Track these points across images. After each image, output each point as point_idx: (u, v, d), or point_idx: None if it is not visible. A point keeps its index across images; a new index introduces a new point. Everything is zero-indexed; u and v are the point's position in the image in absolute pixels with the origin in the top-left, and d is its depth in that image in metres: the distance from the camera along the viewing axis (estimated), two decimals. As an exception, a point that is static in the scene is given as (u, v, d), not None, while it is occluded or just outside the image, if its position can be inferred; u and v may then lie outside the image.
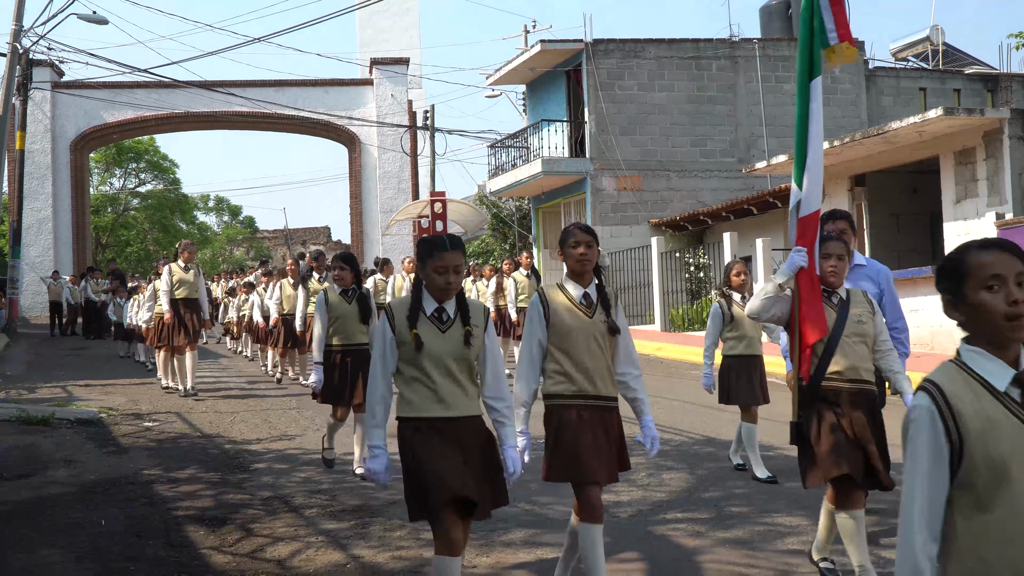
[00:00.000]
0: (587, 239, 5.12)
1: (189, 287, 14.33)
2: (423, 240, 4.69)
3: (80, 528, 7.08)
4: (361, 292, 8.90)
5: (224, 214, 66.70)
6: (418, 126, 37.61)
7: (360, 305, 8.84)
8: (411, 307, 4.64)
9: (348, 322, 8.78)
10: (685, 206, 27.35)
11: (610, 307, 5.14)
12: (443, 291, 4.62)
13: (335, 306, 8.80)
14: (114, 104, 36.51)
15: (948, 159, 17.24)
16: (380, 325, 4.66)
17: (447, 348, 4.59)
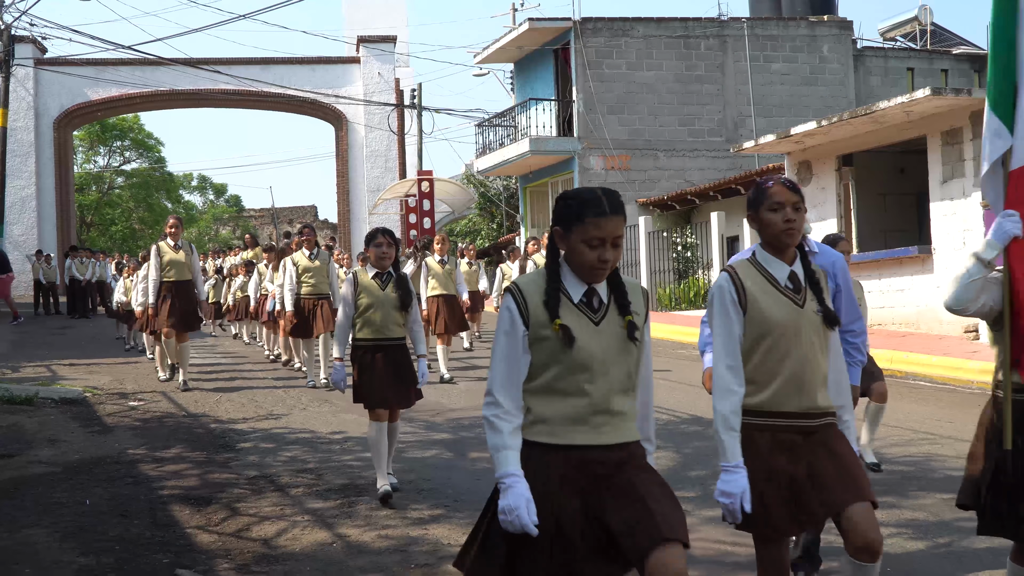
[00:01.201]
0: (794, 199, 3.87)
1: (180, 268, 12.79)
2: (567, 198, 3.44)
3: (64, 507, 7.05)
4: (400, 275, 7.44)
5: (209, 193, 66.40)
6: (405, 104, 37.47)
7: (399, 291, 7.36)
8: (549, 288, 3.37)
9: (382, 312, 7.31)
10: (672, 185, 27.32)
11: (822, 291, 3.94)
12: (594, 270, 3.35)
13: (367, 291, 7.34)
14: (98, 81, 36.27)
15: (935, 139, 17.23)
16: (507, 312, 3.39)
17: (604, 346, 3.35)
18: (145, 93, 36.85)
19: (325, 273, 13.14)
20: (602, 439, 3.34)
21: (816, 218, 19.50)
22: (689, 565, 5.74)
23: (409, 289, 7.44)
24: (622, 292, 3.45)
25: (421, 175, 30.69)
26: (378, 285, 7.37)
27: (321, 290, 13.06)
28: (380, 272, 7.40)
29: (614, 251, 3.36)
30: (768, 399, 3.88)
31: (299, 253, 13.20)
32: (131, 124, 52.89)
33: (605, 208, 3.33)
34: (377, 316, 7.32)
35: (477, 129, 30.99)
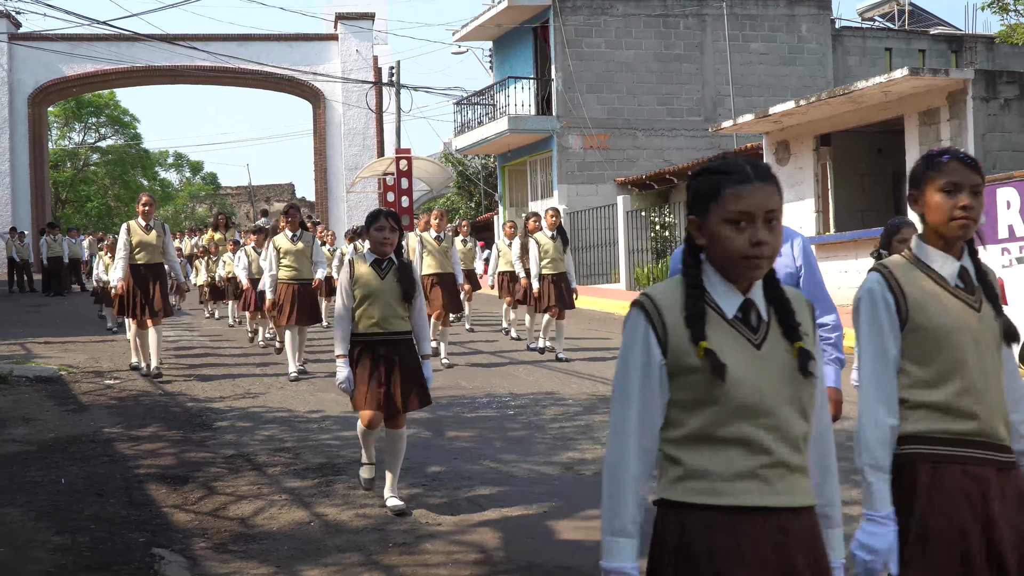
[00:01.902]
0: (973, 181, 3.04)
1: (150, 250, 11.91)
2: (698, 173, 2.61)
3: (39, 486, 7.01)
4: (402, 262, 6.68)
5: (186, 170, 66.04)
6: (383, 82, 37.29)
7: (401, 280, 6.59)
8: (690, 299, 2.50)
9: (381, 304, 6.52)
10: (651, 165, 27.30)
11: (997, 296, 3.15)
12: (748, 261, 2.45)
13: (363, 282, 6.57)
14: (73, 57, 35.95)
15: (912, 119, 17.28)
16: (635, 333, 2.53)
17: (768, 378, 2.48)
18: (121, 69, 36.55)
19: (308, 256, 12.35)
20: (781, 499, 2.46)
21: (794, 198, 19.55)
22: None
23: (413, 279, 6.64)
24: (785, 306, 2.56)
25: (399, 153, 30.56)
26: (376, 274, 6.57)
27: (303, 275, 12.26)
28: (380, 259, 6.61)
29: (770, 233, 2.47)
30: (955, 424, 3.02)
31: (281, 235, 12.40)
32: (107, 100, 52.53)
33: (749, 174, 2.50)
34: (375, 309, 6.51)
35: (455, 107, 30.89)
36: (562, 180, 27.21)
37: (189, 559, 5.53)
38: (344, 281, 6.60)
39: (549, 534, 6.03)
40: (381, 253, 6.61)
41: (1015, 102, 16.60)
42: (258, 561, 5.52)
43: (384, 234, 6.54)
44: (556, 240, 13.51)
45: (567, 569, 5.35)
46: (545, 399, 10.48)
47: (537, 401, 10.33)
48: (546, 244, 13.50)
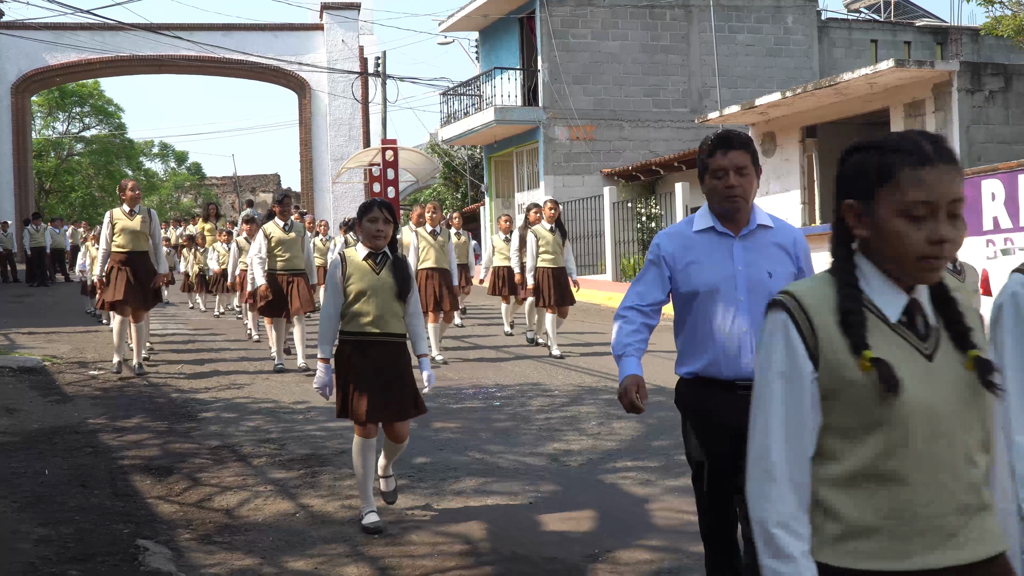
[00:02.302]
0: None
1: (135, 237, 11.27)
2: (871, 150, 2.16)
3: (23, 477, 6.97)
4: (397, 257, 6.16)
5: (171, 160, 65.73)
6: (369, 73, 37.18)
7: (397, 276, 6.06)
8: (844, 299, 2.08)
9: (377, 301, 5.98)
10: (637, 156, 27.30)
11: None
12: (927, 263, 2.04)
13: (359, 275, 6.03)
14: (56, 46, 35.72)
15: (898, 111, 17.32)
16: (776, 340, 2.09)
17: (944, 395, 2.04)
18: (105, 59, 36.35)
19: (300, 246, 11.87)
20: (972, 551, 2.02)
21: (780, 189, 19.59)
22: (652, 534, 5.80)
23: (409, 275, 6.13)
24: (954, 308, 2.12)
25: (385, 144, 30.46)
26: (371, 269, 6.02)
27: (295, 265, 11.79)
28: (374, 253, 6.06)
29: (954, 228, 2.05)
30: None
31: (272, 223, 11.81)
32: (91, 90, 52.22)
33: (931, 154, 2.05)
34: (371, 307, 5.95)
35: (442, 98, 30.83)
36: (548, 171, 27.19)
37: (174, 550, 5.51)
38: (334, 276, 6.03)
39: (535, 525, 6.03)
40: (374, 246, 6.03)
41: (1000, 94, 16.65)
42: (243, 552, 5.50)
43: (378, 226, 5.99)
44: (555, 233, 13.21)
45: (553, 560, 5.35)
46: (531, 390, 10.48)
47: (523, 392, 10.33)
48: (545, 237, 13.17)
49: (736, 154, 3.82)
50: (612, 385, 10.77)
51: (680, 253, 3.94)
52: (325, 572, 5.20)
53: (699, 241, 3.94)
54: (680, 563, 5.27)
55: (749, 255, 3.89)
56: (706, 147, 3.87)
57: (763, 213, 3.99)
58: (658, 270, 3.98)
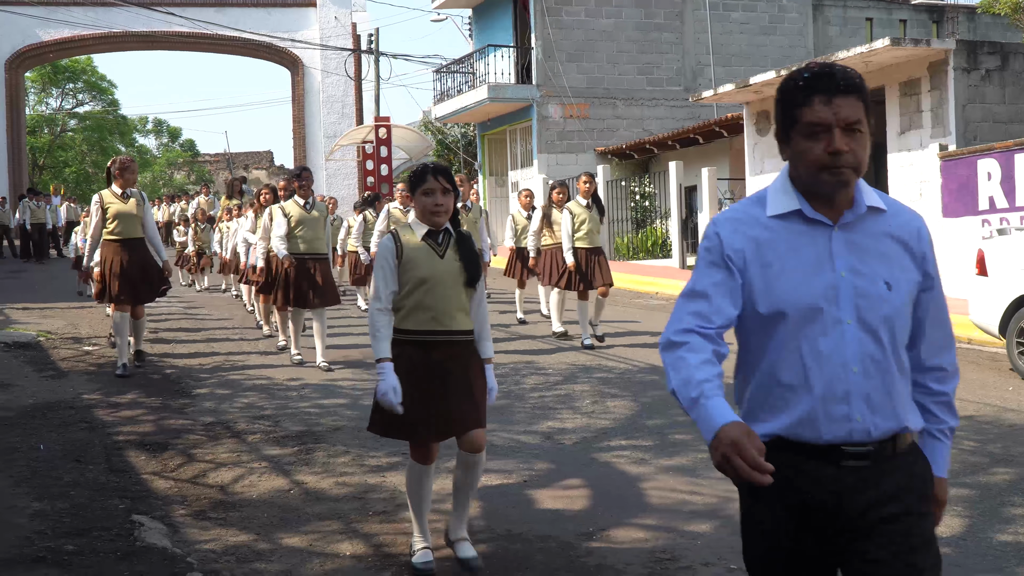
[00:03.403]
0: None
1: (129, 223, 9.99)
2: None
3: (17, 452, 6.98)
4: (461, 235, 5.01)
5: (164, 137, 65.58)
6: (362, 50, 37.05)
7: (464, 259, 4.94)
8: None
9: (441, 291, 4.85)
10: (631, 134, 27.27)
11: None
12: None
13: (418, 260, 4.88)
14: (49, 22, 35.52)
15: (893, 90, 17.30)
16: None
17: None
18: (98, 35, 36.17)
19: (322, 226, 10.59)
20: None
21: (774, 168, 19.58)
22: (646, 513, 5.82)
23: (476, 257, 5.00)
24: None
25: (378, 121, 30.41)
26: (434, 251, 4.89)
27: (318, 248, 10.50)
28: (434, 231, 4.93)
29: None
30: None
31: (291, 202, 10.45)
32: (84, 66, 52.04)
33: None
34: (433, 298, 4.84)
35: (435, 75, 30.74)
36: (542, 149, 27.14)
37: (169, 526, 5.53)
38: (386, 260, 4.87)
39: (529, 503, 6.05)
40: (434, 224, 4.89)
41: (996, 73, 16.63)
42: (238, 528, 5.52)
43: (435, 199, 4.84)
44: (592, 209, 11.94)
45: (547, 538, 5.38)
46: (525, 368, 10.49)
47: (517, 371, 10.34)
48: (581, 214, 11.87)
49: (845, 102, 2.50)
50: (607, 363, 10.79)
51: (753, 251, 2.60)
52: (319, 548, 5.22)
53: (778, 232, 2.60)
54: (674, 542, 5.30)
55: (855, 255, 2.58)
56: (795, 88, 2.55)
57: (871, 190, 2.66)
58: (726, 274, 2.61)
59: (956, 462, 6.72)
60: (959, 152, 15.70)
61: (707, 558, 5.05)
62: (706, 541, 5.30)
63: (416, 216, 4.99)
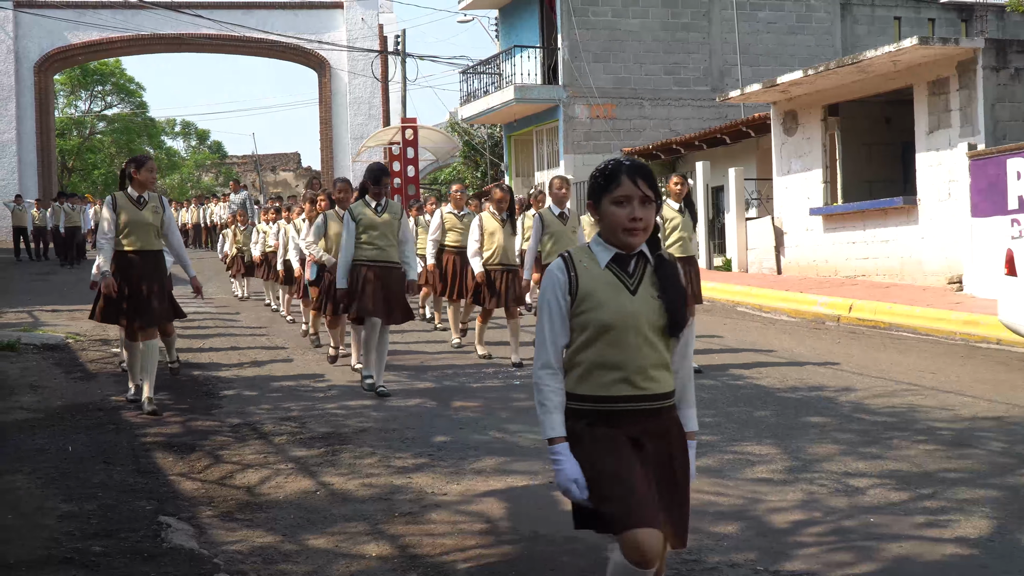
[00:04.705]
0: None
1: (143, 232, 8.41)
2: None
3: (46, 453, 7.02)
4: (660, 258, 3.48)
5: (192, 139, 65.96)
6: (389, 51, 37.13)
7: (665, 294, 3.44)
8: None
9: (637, 338, 3.39)
10: (658, 135, 27.20)
11: None
12: None
13: (599, 298, 3.42)
14: (78, 25, 35.82)
15: (921, 89, 17.18)
16: None
17: None
18: (126, 37, 36.45)
19: (395, 232, 9.39)
20: None
21: (801, 168, 19.48)
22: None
23: (683, 292, 3.47)
24: None
25: (405, 123, 30.46)
26: (622, 284, 3.42)
27: (389, 257, 9.31)
28: (623, 256, 3.45)
29: None
30: None
31: (360, 203, 9.35)
32: (112, 69, 52.42)
33: None
34: (623, 351, 3.38)
35: (461, 76, 30.77)
36: (568, 150, 27.12)
37: (196, 527, 5.54)
38: (555, 297, 3.43)
39: (554, 504, 6.03)
40: (626, 245, 3.41)
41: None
42: (264, 530, 5.53)
43: (632, 210, 3.36)
44: (684, 214, 10.60)
45: (573, 540, 5.36)
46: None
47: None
48: (674, 219, 10.51)
49: None
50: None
51: None
52: (345, 550, 5.22)
53: None
54: (700, 543, 5.27)
55: None
56: None
57: None
58: None
59: (984, 463, 6.66)
60: (988, 151, 15.57)
61: (733, 559, 5.02)
62: (732, 542, 5.27)
63: (601, 233, 3.49)
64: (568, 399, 3.49)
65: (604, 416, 3.46)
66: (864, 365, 10.45)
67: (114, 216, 8.34)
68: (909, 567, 4.90)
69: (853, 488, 6.08)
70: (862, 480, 6.30)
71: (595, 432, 3.45)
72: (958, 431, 7.57)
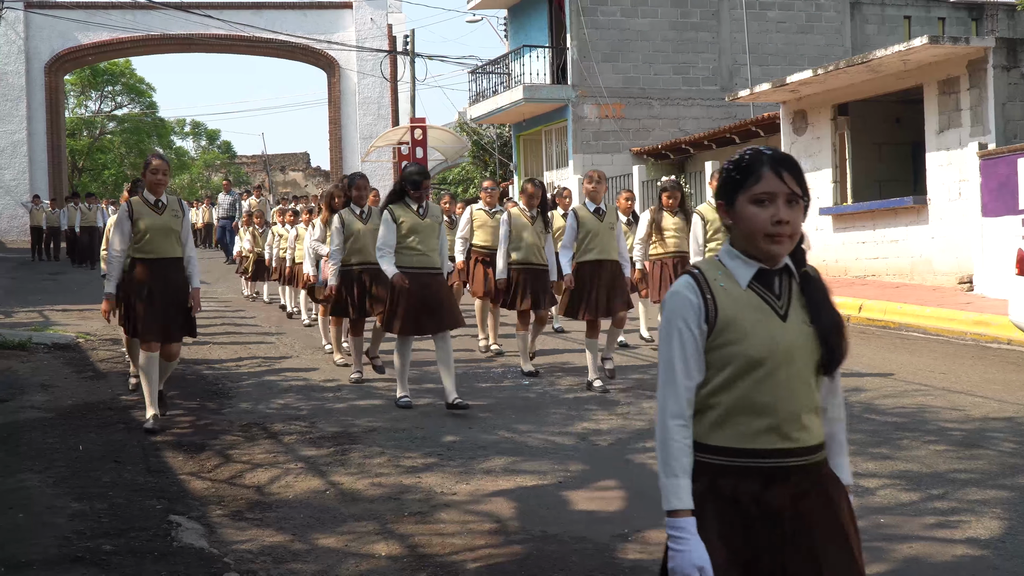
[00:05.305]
0: None
1: (163, 238, 7.88)
2: None
3: (57, 453, 7.05)
4: (806, 275, 2.87)
5: (201, 139, 66.08)
6: (398, 51, 37.15)
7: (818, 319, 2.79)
8: None
9: (786, 378, 2.70)
10: (667, 134, 27.17)
11: None
12: None
13: (743, 325, 2.71)
14: (89, 25, 35.89)
15: (932, 88, 17.13)
16: None
17: None
18: (136, 37, 36.53)
19: (436, 236, 8.80)
20: None
21: (811, 168, 19.45)
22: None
23: (837, 317, 2.83)
24: None
25: (414, 122, 30.48)
26: (771, 307, 2.76)
27: (432, 263, 8.69)
28: (768, 271, 2.80)
29: None
30: None
31: (400, 205, 8.72)
32: (122, 69, 52.51)
33: None
34: (773, 392, 2.69)
35: (470, 76, 30.77)
36: (577, 150, 27.11)
37: (206, 526, 5.56)
38: (685, 323, 2.73)
39: (564, 504, 6.04)
40: (770, 256, 2.76)
41: (1036, 71, 16.44)
42: (274, 529, 5.54)
43: (776, 210, 2.70)
44: None
45: (582, 539, 5.36)
46: (559, 368, 10.48)
47: (551, 371, 10.32)
48: (716, 220, 9.55)
49: None
50: (642, 364, 10.75)
51: None
52: (355, 549, 5.23)
53: None
54: (709, 542, 5.27)
55: None
56: None
57: None
58: None
59: (995, 464, 6.65)
60: (999, 151, 15.52)
61: (743, 561, 5.01)
62: (742, 543, 5.27)
63: (734, 241, 2.82)
64: (697, 451, 2.75)
65: (740, 474, 2.71)
66: (874, 365, 10.44)
67: (128, 222, 7.80)
68: (919, 568, 4.90)
69: (863, 488, 6.07)
70: (872, 480, 6.29)
71: (719, 504, 2.70)
72: (968, 431, 7.55)
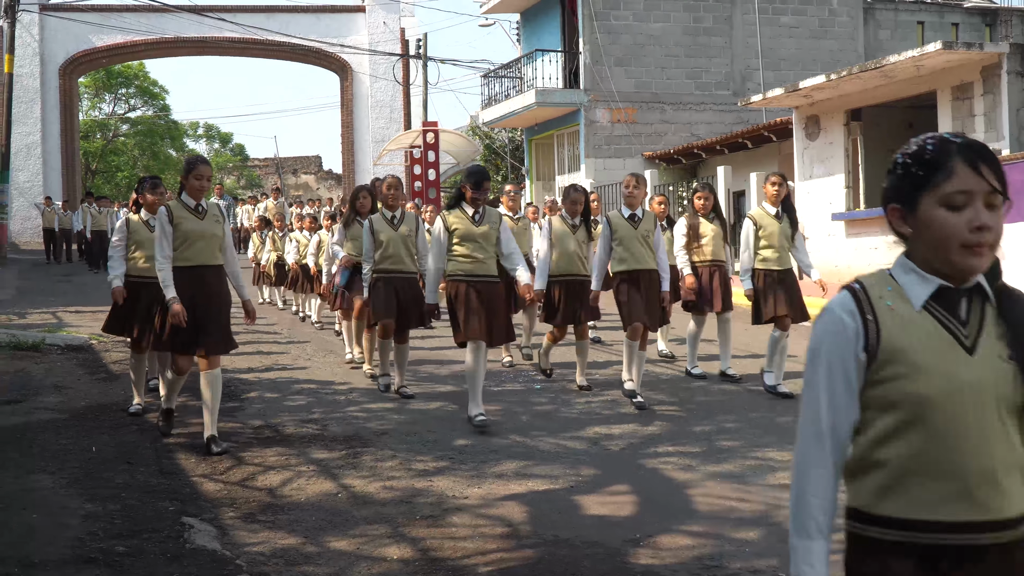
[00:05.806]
0: None
1: (206, 245, 7.41)
2: None
3: (70, 454, 7.07)
4: (1005, 291, 2.34)
5: (214, 142, 66.22)
6: (411, 55, 37.20)
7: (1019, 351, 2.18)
8: None
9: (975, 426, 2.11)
10: (679, 139, 27.16)
11: None
12: None
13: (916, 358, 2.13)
14: (103, 28, 36.02)
15: (945, 94, 17.09)
16: None
17: None
18: (150, 40, 36.62)
19: (493, 242, 8.31)
20: None
21: (823, 173, 19.43)
22: (693, 519, 5.79)
23: None
24: None
25: (426, 126, 30.53)
26: (955, 335, 2.18)
27: (487, 271, 8.22)
28: (950, 289, 2.24)
29: None
30: None
31: (455, 212, 8.24)
32: (136, 71, 52.67)
33: None
34: (957, 446, 2.09)
35: (482, 80, 30.78)
36: (589, 154, 27.11)
37: (218, 528, 5.58)
38: (835, 355, 2.19)
39: (575, 508, 6.04)
40: (960, 271, 2.25)
41: (1050, 77, 16.39)
42: (286, 531, 5.56)
43: (976, 215, 2.29)
44: (782, 220, 9.35)
45: (594, 544, 5.37)
46: (571, 373, 10.47)
47: (563, 375, 10.32)
48: (769, 226, 9.33)
49: None
50: (654, 369, 10.73)
51: None
52: (366, 552, 5.24)
53: None
54: (722, 549, 5.27)
55: None
56: None
57: None
58: None
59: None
60: (1013, 157, 15.48)
61: (755, 565, 5.02)
62: (754, 548, 5.27)
63: (911, 253, 2.29)
64: (855, 519, 2.17)
65: (919, 554, 2.08)
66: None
67: (169, 227, 7.26)
68: (931, 574, 4.88)
69: None
70: None
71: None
72: None
